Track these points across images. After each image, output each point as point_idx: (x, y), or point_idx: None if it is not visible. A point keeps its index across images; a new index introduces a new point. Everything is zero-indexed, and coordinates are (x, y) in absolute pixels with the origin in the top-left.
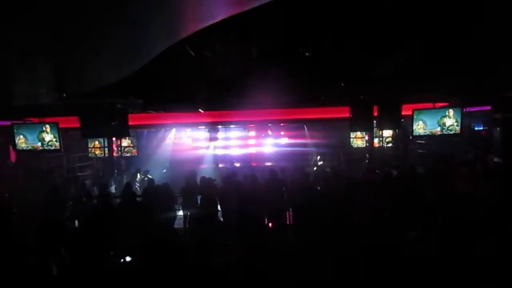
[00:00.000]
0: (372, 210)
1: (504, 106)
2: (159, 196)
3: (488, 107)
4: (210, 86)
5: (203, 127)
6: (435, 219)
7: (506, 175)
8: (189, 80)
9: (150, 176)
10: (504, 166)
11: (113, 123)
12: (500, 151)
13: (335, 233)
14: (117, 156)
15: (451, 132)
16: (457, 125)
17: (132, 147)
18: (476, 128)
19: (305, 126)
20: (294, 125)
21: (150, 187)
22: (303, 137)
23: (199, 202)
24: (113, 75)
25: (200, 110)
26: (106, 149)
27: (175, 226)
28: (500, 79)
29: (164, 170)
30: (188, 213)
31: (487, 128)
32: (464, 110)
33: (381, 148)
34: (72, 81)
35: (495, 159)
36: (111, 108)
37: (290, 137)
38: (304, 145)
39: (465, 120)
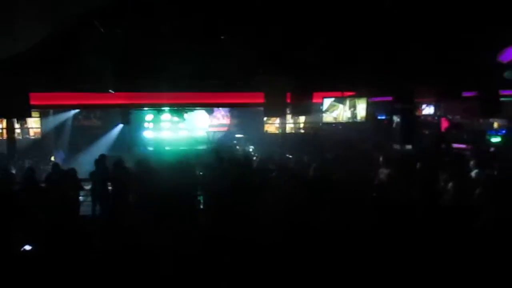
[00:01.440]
0: (286, 196)
1: (404, 97)
2: (64, 182)
3: (390, 98)
4: (122, 66)
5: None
6: (343, 201)
7: (403, 161)
8: (99, 57)
9: (55, 161)
10: (402, 153)
11: (11, 102)
12: (399, 139)
13: (247, 220)
14: (21, 139)
15: (357, 120)
16: (363, 114)
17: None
18: (379, 117)
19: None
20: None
21: (54, 173)
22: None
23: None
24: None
25: (111, 90)
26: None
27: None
28: (401, 73)
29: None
30: (98, 199)
31: (389, 117)
32: (370, 100)
33: (293, 134)
34: None
35: (395, 146)
36: (9, 85)
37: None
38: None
39: (370, 109)
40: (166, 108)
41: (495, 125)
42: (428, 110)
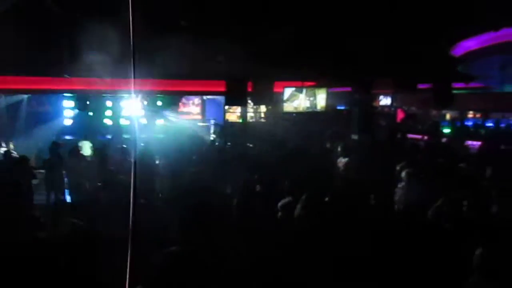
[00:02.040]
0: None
1: (362, 89)
2: (16, 170)
3: (349, 89)
4: (78, 50)
5: (70, 94)
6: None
7: (360, 150)
8: (52, 41)
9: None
10: (359, 142)
11: None
12: (357, 129)
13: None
14: None
15: (317, 110)
16: (322, 104)
17: None
18: (338, 108)
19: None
20: None
21: (5, 161)
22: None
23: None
24: None
25: (66, 75)
26: None
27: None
28: (359, 65)
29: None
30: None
31: (348, 107)
32: (329, 90)
33: (255, 123)
34: None
35: (353, 136)
36: None
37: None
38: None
39: (330, 99)
40: (127, 95)
41: (448, 116)
42: (385, 101)
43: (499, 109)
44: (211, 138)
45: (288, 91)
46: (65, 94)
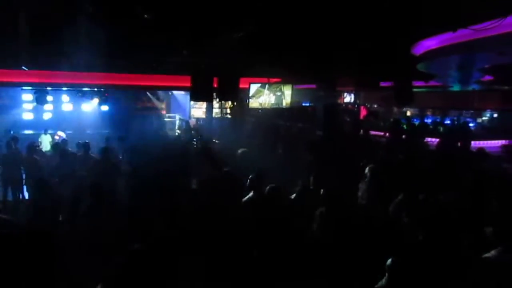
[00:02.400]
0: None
1: (326, 86)
2: None
3: (314, 86)
4: (35, 41)
5: (29, 88)
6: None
7: (324, 146)
8: (8, 32)
9: None
10: (323, 138)
11: None
12: (322, 125)
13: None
14: None
15: (283, 106)
16: (288, 100)
17: None
18: (304, 104)
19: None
20: None
21: None
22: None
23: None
24: None
25: (24, 68)
26: None
27: None
28: (323, 63)
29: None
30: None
31: (313, 104)
32: (295, 87)
33: (220, 119)
34: None
35: (318, 132)
36: None
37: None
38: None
39: (295, 96)
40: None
41: (408, 113)
42: (349, 98)
43: (457, 107)
44: (176, 134)
45: (253, 87)
46: (23, 88)
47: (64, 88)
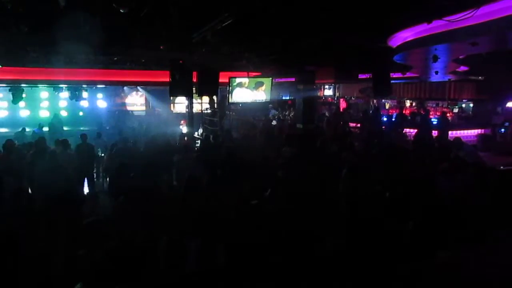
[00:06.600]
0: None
1: (305, 79)
2: None
3: (293, 79)
4: (12, 38)
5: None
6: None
7: (303, 138)
8: None
9: None
10: (303, 130)
11: None
12: (301, 118)
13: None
14: None
15: (263, 100)
16: (267, 94)
17: None
18: (283, 97)
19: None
20: None
21: None
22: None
23: None
24: None
25: None
26: None
27: None
28: (302, 56)
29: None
30: None
31: (293, 97)
32: (274, 80)
33: (200, 113)
34: None
35: (298, 125)
36: None
37: None
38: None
39: (275, 89)
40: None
41: (387, 105)
42: (328, 91)
43: (433, 97)
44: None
45: (233, 82)
46: None
47: (40, 85)
